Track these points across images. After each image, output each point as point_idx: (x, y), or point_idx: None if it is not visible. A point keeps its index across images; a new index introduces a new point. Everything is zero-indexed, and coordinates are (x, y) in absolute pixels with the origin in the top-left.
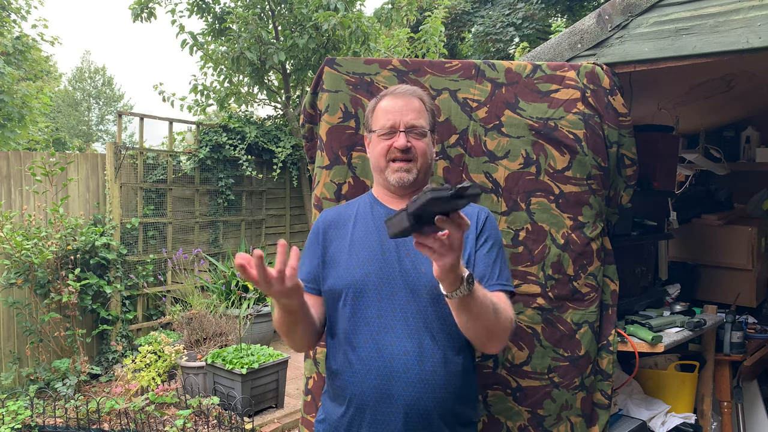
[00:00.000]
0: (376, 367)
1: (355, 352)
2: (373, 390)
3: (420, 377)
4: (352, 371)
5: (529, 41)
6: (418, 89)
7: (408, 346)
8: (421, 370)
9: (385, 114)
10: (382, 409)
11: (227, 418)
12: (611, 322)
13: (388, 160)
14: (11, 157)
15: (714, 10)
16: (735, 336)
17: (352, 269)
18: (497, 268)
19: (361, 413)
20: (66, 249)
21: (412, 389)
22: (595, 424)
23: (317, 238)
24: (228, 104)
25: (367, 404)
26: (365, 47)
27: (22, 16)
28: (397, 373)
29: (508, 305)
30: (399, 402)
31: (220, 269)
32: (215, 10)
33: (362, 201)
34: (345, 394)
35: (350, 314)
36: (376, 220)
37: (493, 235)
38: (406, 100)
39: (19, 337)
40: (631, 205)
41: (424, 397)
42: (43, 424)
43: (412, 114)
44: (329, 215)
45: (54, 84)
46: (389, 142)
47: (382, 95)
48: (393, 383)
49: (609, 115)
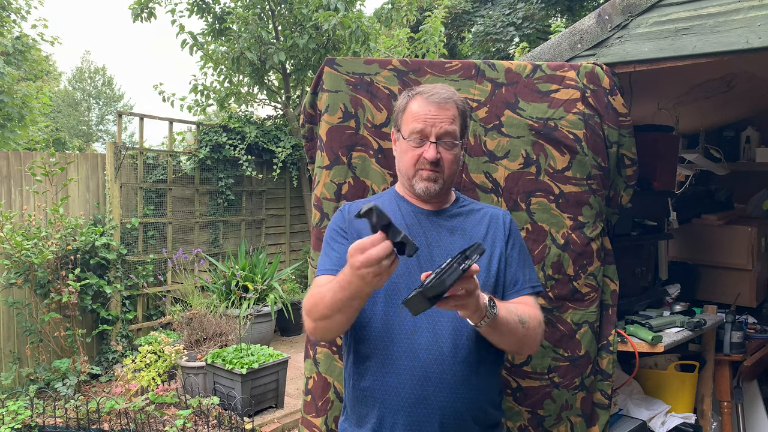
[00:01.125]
0: (412, 368)
1: (389, 353)
2: (409, 392)
3: (455, 379)
4: (385, 372)
5: (529, 41)
6: (454, 93)
7: (443, 348)
8: (456, 371)
9: (415, 119)
10: (418, 411)
11: (227, 418)
12: (611, 322)
13: (417, 169)
14: (11, 157)
15: (714, 10)
16: (735, 336)
17: None
18: (527, 271)
19: (395, 415)
20: (66, 249)
21: (449, 391)
22: (595, 424)
23: (342, 230)
24: (228, 104)
25: (402, 406)
26: (365, 47)
27: (22, 16)
28: (434, 375)
29: (535, 309)
30: (435, 405)
31: (220, 269)
32: (215, 10)
33: (387, 197)
34: (376, 395)
35: (383, 313)
36: (404, 216)
37: (519, 239)
38: (439, 108)
39: (19, 337)
40: (631, 205)
41: (460, 399)
42: (43, 424)
43: (444, 124)
44: (354, 207)
45: (54, 84)
46: (419, 152)
47: (414, 93)
48: (428, 385)
49: (609, 115)
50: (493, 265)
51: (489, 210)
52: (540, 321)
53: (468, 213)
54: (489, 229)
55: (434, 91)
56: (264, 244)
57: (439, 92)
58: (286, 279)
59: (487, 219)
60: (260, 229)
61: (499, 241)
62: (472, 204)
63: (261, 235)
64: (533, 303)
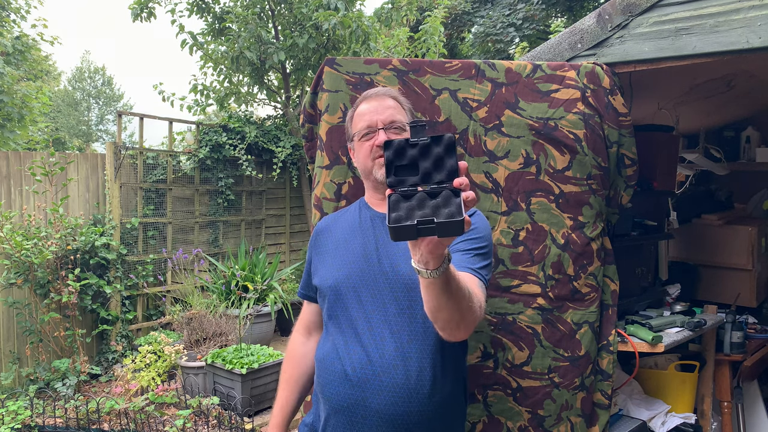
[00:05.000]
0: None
1: (338, 353)
2: (349, 393)
3: (403, 382)
4: (332, 369)
5: (529, 42)
6: (391, 89)
7: (390, 348)
8: (404, 374)
9: (361, 117)
10: (358, 412)
11: (227, 418)
12: (611, 322)
13: (372, 159)
14: (11, 157)
15: (714, 10)
16: (735, 336)
17: (334, 271)
18: (474, 259)
19: (336, 415)
20: (66, 249)
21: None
22: (595, 424)
23: (311, 246)
24: (228, 104)
25: (341, 407)
26: (365, 47)
27: (21, 16)
28: (377, 376)
29: (479, 291)
30: (372, 408)
31: (220, 269)
32: (215, 10)
33: (354, 206)
34: (324, 392)
35: (329, 316)
36: (362, 222)
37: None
38: (379, 100)
39: (19, 337)
40: (631, 205)
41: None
42: (42, 424)
43: (388, 111)
44: (322, 223)
45: (53, 83)
46: (370, 143)
47: (356, 103)
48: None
49: (609, 114)
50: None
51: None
52: (482, 305)
53: None
54: None
55: (371, 92)
56: (264, 244)
57: (376, 90)
58: (286, 279)
59: None
60: (260, 229)
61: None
62: None
63: (261, 235)
64: (477, 285)
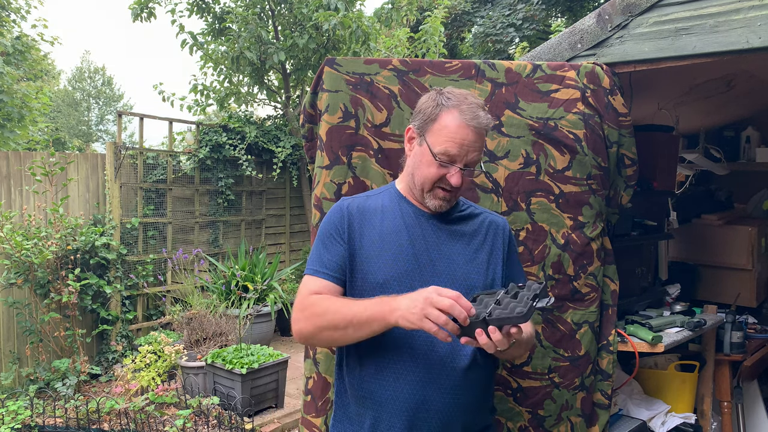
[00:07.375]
0: (410, 372)
1: (388, 355)
2: (408, 396)
3: (453, 383)
4: (383, 375)
5: (529, 42)
6: (487, 116)
7: (441, 351)
8: (454, 376)
9: (450, 141)
10: (419, 415)
11: (227, 418)
12: (611, 322)
13: (435, 186)
14: (11, 157)
15: (714, 10)
16: (735, 336)
17: (386, 266)
18: (522, 276)
19: (391, 418)
20: (66, 249)
21: (448, 396)
22: (595, 424)
23: (341, 227)
24: (228, 104)
25: (400, 410)
26: (365, 47)
27: (21, 16)
28: (433, 379)
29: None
30: (433, 409)
31: (220, 269)
32: (215, 10)
33: (387, 195)
34: (374, 397)
35: None
36: (405, 217)
37: (515, 247)
38: (476, 135)
39: (19, 337)
40: (631, 205)
41: (457, 404)
42: (43, 424)
43: (476, 153)
44: (353, 205)
45: (53, 83)
46: (443, 172)
47: (450, 105)
48: (428, 389)
49: (609, 115)
50: (491, 268)
51: (488, 216)
52: (533, 332)
53: (468, 217)
54: (488, 235)
55: (474, 112)
56: (264, 244)
57: (478, 115)
58: (286, 279)
59: (486, 224)
60: (260, 229)
61: (498, 247)
62: (471, 208)
63: (261, 235)
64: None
